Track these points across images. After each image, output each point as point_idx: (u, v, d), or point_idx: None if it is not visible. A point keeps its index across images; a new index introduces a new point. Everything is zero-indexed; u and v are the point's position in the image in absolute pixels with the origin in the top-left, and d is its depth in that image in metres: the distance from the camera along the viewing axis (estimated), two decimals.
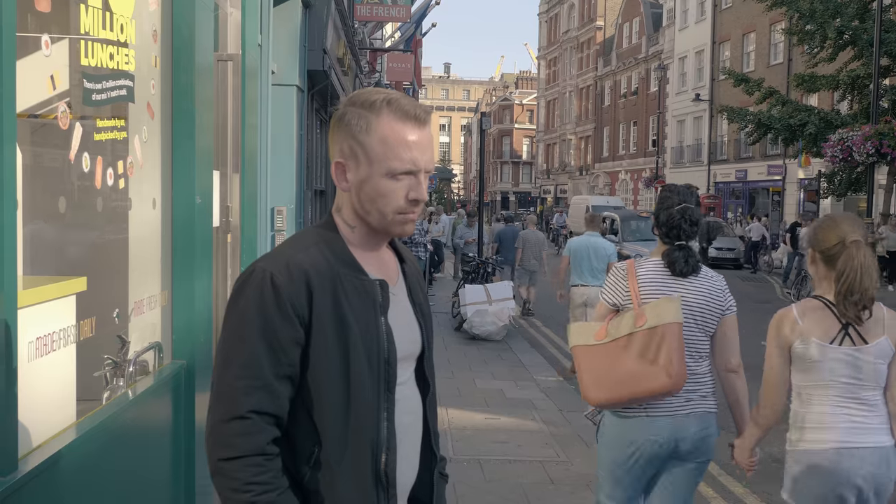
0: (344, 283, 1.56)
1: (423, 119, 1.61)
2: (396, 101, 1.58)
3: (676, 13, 43.90)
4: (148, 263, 3.28)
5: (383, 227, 1.62)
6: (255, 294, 1.51)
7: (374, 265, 1.64)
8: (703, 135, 40.79)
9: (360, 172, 1.59)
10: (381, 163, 1.57)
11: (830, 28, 20.77)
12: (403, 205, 1.60)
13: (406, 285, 1.73)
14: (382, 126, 1.57)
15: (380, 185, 1.58)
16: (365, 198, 1.60)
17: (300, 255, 1.55)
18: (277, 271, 1.52)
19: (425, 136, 1.61)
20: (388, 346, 1.58)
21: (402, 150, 1.57)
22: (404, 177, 1.58)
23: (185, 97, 3.46)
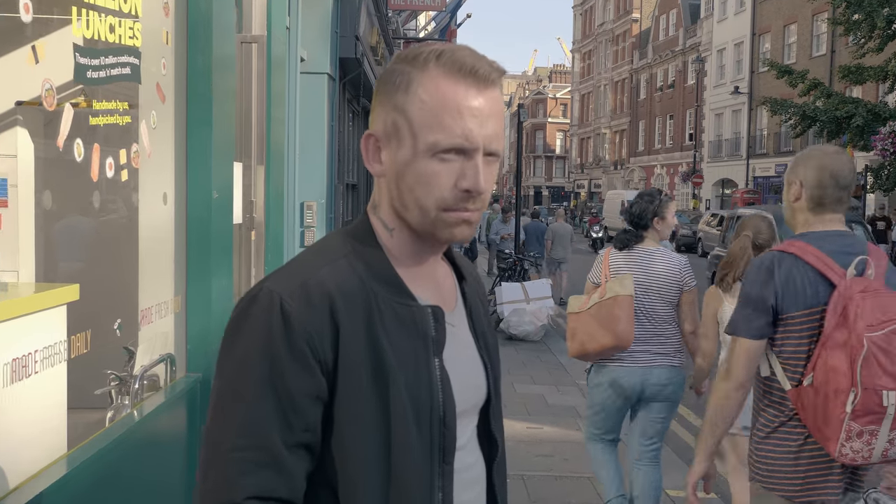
0: (383, 312, 1.14)
1: (487, 77, 1.15)
2: (450, 53, 1.15)
3: (715, 4, 42.98)
4: (158, 266, 2.91)
5: (426, 228, 1.18)
6: (259, 328, 1.09)
7: (424, 285, 1.22)
8: (742, 128, 39.90)
9: (397, 150, 1.17)
10: (421, 135, 1.14)
11: (879, 17, 19.99)
12: (449, 196, 1.15)
13: (467, 311, 1.30)
14: (426, 84, 1.14)
15: (419, 166, 1.14)
16: (404, 186, 1.17)
17: (323, 270, 1.13)
18: (290, 295, 1.10)
19: (490, 102, 1.16)
20: (443, 397, 1.15)
21: (449, 118, 1.13)
22: (453, 156, 1.14)
23: (201, 79, 3.09)
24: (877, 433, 2.38)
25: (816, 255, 2.52)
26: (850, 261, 2.48)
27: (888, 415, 2.37)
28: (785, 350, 2.54)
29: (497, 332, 10.67)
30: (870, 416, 2.37)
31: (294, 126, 5.40)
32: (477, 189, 1.15)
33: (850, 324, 2.40)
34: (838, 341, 2.41)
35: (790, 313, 2.52)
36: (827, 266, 2.49)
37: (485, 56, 1.17)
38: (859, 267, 2.49)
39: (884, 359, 2.35)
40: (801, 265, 2.53)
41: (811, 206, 2.62)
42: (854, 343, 2.38)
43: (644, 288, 4.04)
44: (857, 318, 2.40)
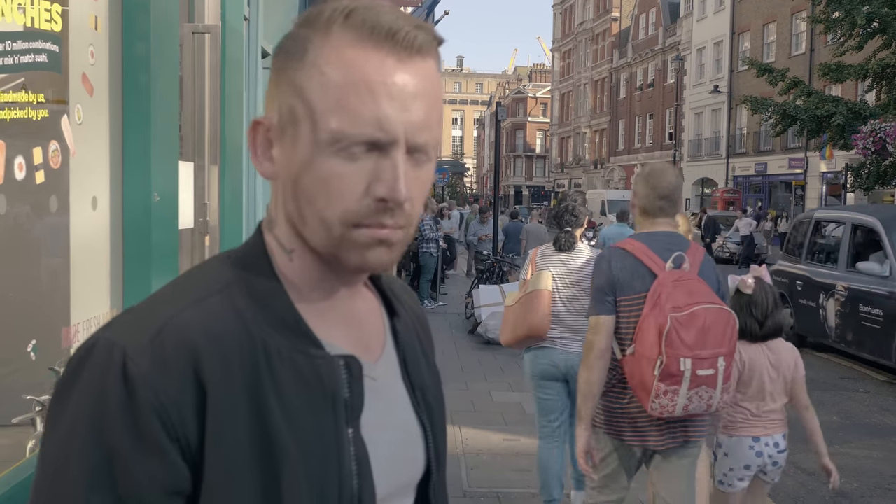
0: (276, 366, 0.83)
1: (412, 43, 0.84)
2: (363, 11, 0.84)
3: (694, 3, 42.96)
4: (88, 277, 2.61)
5: (330, 251, 0.87)
6: (90, 398, 0.78)
7: (337, 326, 0.92)
8: (722, 127, 39.90)
9: (293, 144, 0.86)
10: (321, 122, 0.83)
11: (860, 15, 19.91)
12: (357, 208, 0.84)
13: (399, 358, 0.98)
14: (329, 52, 0.83)
15: (319, 165, 0.84)
16: (301, 193, 0.86)
17: (187, 313, 0.82)
18: (137, 349, 0.79)
19: (416, 78, 0.85)
20: (359, 482, 0.85)
21: (357, 99, 0.82)
22: (363, 152, 0.83)
23: (140, 70, 2.80)
24: (678, 392, 2.95)
25: (644, 251, 3.13)
26: (671, 256, 3.10)
27: (685, 378, 2.94)
28: (618, 327, 3.15)
29: (475, 335, 10.41)
30: (671, 378, 2.94)
31: None
32: (395, 197, 0.83)
33: (661, 306, 2.98)
34: (651, 320, 2.98)
35: (621, 297, 3.13)
36: (651, 260, 3.11)
37: (412, 17, 0.87)
38: (676, 261, 3.10)
39: (683, 333, 2.94)
40: (632, 259, 3.14)
41: (644, 213, 3.26)
42: (661, 321, 2.95)
43: (566, 282, 4.45)
44: (666, 301, 2.98)
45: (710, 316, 2.98)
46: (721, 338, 2.99)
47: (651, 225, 3.23)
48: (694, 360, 2.94)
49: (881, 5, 19.87)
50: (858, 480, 5.76)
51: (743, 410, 3.49)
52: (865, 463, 6.17)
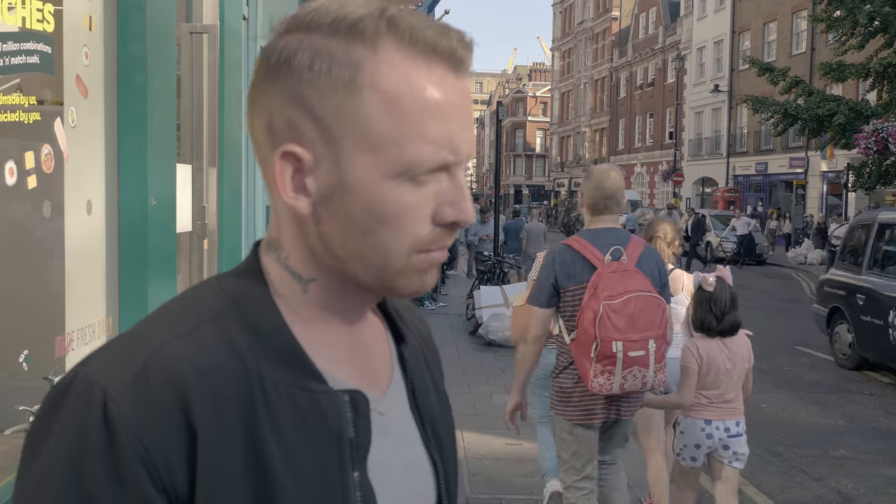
0: (273, 403, 0.75)
1: (462, 58, 0.78)
2: (405, 20, 0.76)
3: (694, 2, 42.87)
4: (83, 284, 2.55)
5: (383, 281, 0.81)
6: (68, 441, 0.70)
7: (342, 355, 0.83)
8: (722, 126, 39.81)
9: (338, 174, 0.77)
10: (388, 150, 0.76)
11: (861, 14, 19.83)
12: (428, 234, 0.79)
13: (408, 388, 0.90)
14: (386, 72, 0.75)
15: (384, 195, 0.76)
16: (354, 227, 0.78)
17: (174, 345, 0.74)
18: (118, 388, 0.71)
19: (466, 93, 0.80)
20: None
21: (428, 122, 0.76)
22: (432, 176, 0.78)
23: (136, 71, 2.73)
24: (613, 371, 3.32)
25: (587, 246, 3.51)
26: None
27: (618, 359, 3.29)
28: (565, 314, 3.55)
29: (476, 337, 10.34)
30: (607, 359, 3.30)
31: None
32: (467, 220, 0.79)
33: (598, 294, 3.34)
34: (588, 307, 3.34)
35: (566, 288, 3.51)
36: (592, 254, 3.47)
37: (441, 22, 0.79)
38: (615, 254, 3.47)
39: (615, 319, 3.28)
40: (575, 254, 3.50)
41: (591, 211, 3.65)
42: (596, 308, 3.31)
43: None
44: (602, 290, 3.34)
45: (641, 303, 3.34)
46: (651, 322, 3.35)
47: (598, 222, 3.61)
48: (625, 342, 3.30)
49: (883, 4, 19.80)
50: (865, 485, 5.69)
51: (699, 396, 3.87)
52: (871, 467, 6.10)
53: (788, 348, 10.75)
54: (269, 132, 0.79)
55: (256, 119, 0.81)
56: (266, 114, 0.79)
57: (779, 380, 8.98)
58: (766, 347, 10.57)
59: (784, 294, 17.47)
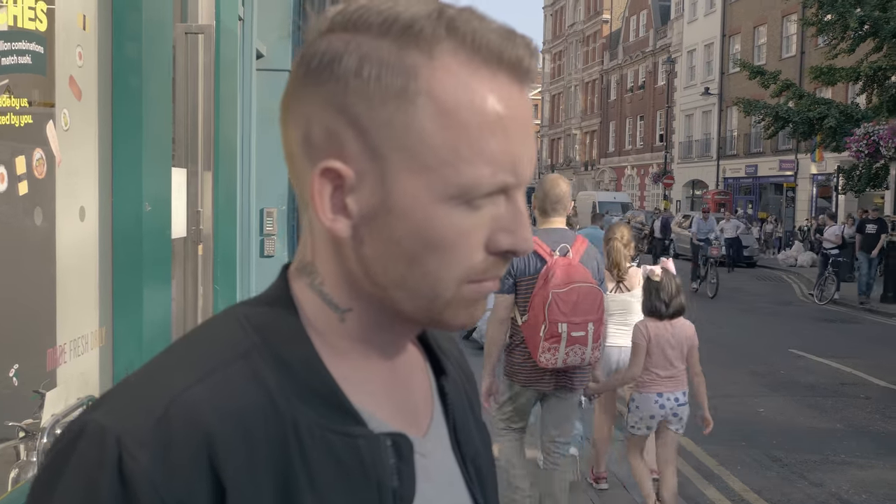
0: (309, 450, 0.67)
1: (528, 67, 0.70)
2: (467, 23, 0.67)
3: (685, 6, 42.98)
4: (75, 294, 2.45)
5: (429, 313, 0.72)
6: (76, 499, 0.62)
7: (380, 392, 0.75)
8: (713, 129, 39.91)
9: (381, 192, 0.68)
10: (443, 170, 0.67)
11: (852, 17, 19.90)
12: (481, 263, 0.70)
13: (449, 426, 0.82)
14: (445, 81, 0.66)
15: (436, 219, 0.68)
16: (392, 251, 0.69)
17: (199, 387, 0.66)
18: (136, 438, 0.62)
19: (527, 105, 0.71)
20: None
21: (489, 139, 0.67)
22: (488, 200, 0.69)
23: (131, 72, 2.64)
24: (558, 348, 3.95)
25: (538, 243, 4.07)
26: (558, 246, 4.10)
27: (563, 338, 3.94)
28: (519, 300, 4.10)
29: (470, 341, 10.25)
30: (553, 338, 3.93)
31: (250, 127, 4.94)
32: (525, 249, 0.71)
33: (547, 284, 3.94)
34: (539, 295, 3.96)
35: (521, 278, 4.08)
36: (543, 250, 4.07)
37: (505, 25, 0.70)
38: (562, 251, 4.08)
39: (561, 305, 3.93)
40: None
41: (540, 213, 4.28)
42: (546, 295, 3.93)
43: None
44: (551, 280, 3.94)
45: (583, 292, 4.01)
46: (590, 308, 4.03)
47: (547, 222, 4.25)
48: (569, 324, 3.95)
49: (873, 8, 19.88)
50: (867, 492, 5.65)
51: (650, 373, 4.45)
52: (871, 472, 6.07)
53: (783, 352, 10.73)
54: (306, 144, 0.70)
55: (291, 130, 0.71)
56: (303, 124, 0.70)
57: (775, 384, 8.94)
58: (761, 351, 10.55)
59: (776, 296, 17.48)
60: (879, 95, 20.95)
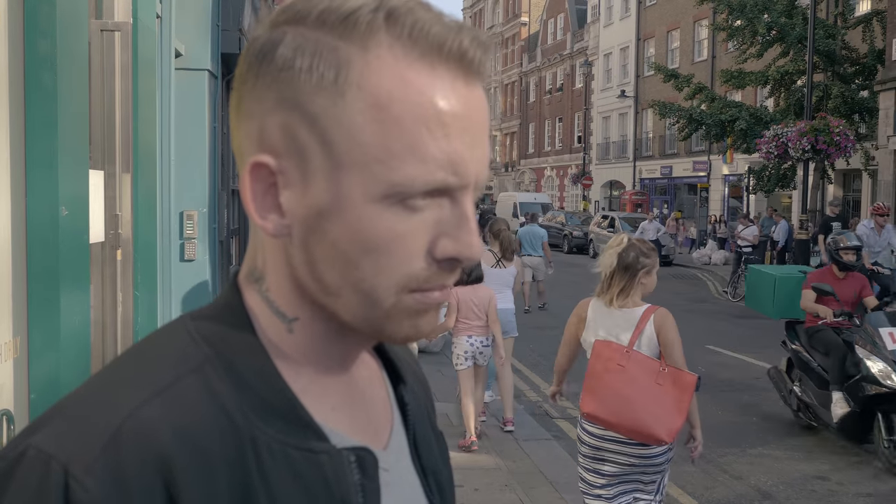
0: (268, 469, 0.63)
1: (474, 60, 0.65)
2: (409, 13, 0.63)
3: (601, 10, 43.82)
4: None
5: (370, 322, 0.67)
6: None
7: (340, 405, 0.71)
8: (629, 131, 40.79)
9: (317, 191, 0.64)
10: (374, 168, 0.63)
11: (760, 23, 20.65)
12: (422, 271, 0.66)
13: (409, 438, 0.79)
14: (378, 72, 0.63)
15: (369, 221, 0.64)
16: (333, 254, 0.65)
17: (151, 406, 0.61)
18: (84, 465, 0.57)
19: (479, 103, 0.67)
20: None
21: (425, 135, 0.63)
22: (430, 201, 0.65)
23: (44, 71, 2.53)
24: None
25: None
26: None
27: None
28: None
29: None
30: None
31: (169, 127, 4.80)
32: (471, 256, 0.66)
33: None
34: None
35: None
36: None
37: (454, 19, 0.66)
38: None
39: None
40: None
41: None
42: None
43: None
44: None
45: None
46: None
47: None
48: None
49: (779, 15, 20.65)
50: (783, 481, 5.83)
51: (463, 323, 6.01)
52: (788, 463, 6.26)
53: (700, 347, 11.01)
54: (248, 138, 0.67)
55: (236, 125, 0.68)
56: (246, 117, 0.66)
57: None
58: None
59: (691, 294, 17.94)
60: (786, 99, 21.77)
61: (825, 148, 16.43)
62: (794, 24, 20.38)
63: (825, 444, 6.75)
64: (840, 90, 19.97)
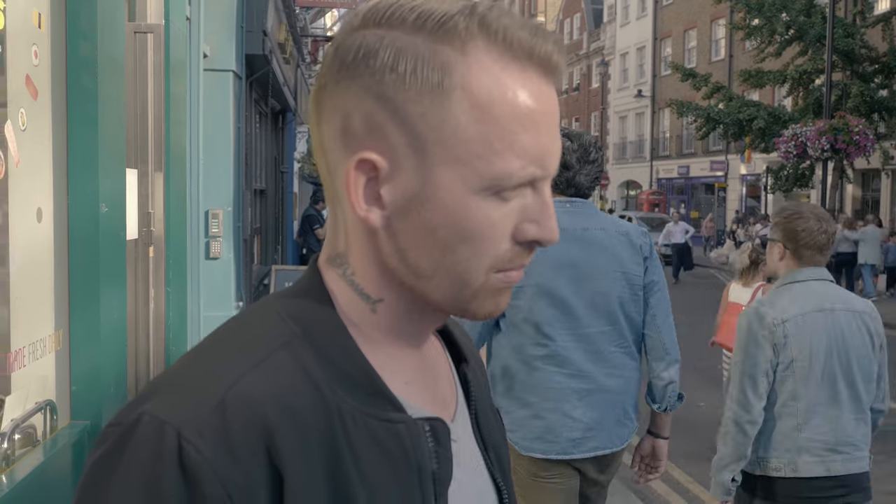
0: (353, 436, 0.69)
1: (557, 63, 0.72)
2: (498, 20, 0.69)
3: (617, 9, 43.73)
4: (32, 297, 2.40)
5: (458, 301, 0.74)
6: (138, 492, 0.62)
7: (414, 379, 0.78)
8: (646, 131, 40.71)
9: (414, 184, 0.70)
10: (476, 163, 0.69)
11: (778, 22, 20.57)
12: (503, 252, 0.72)
13: (471, 413, 0.85)
14: (479, 76, 0.68)
15: (468, 210, 0.69)
16: (425, 241, 0.71)
17: (249, 377, 0.67)
18: (195, 428, 0.63)
19: (555, 100, 0.73)
20: None
21: (520, 132, 0.69)
22: (518, 191, 0.71)
23: (85, 71, 2.60)
24: None
25: None
26: None
27: None
28: None
29: None
30: None
31: (197, 127, 4.89)
32: (552, 239, 0.72)
33: None
34: None
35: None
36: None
37: (534, 22, 0.73)
38: None
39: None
40: None
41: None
42: None
43: None
44: None
45: None
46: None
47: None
48: None
49: (798, 13, 20.56)
50: None
51: None
52: None
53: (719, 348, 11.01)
54: (343, 135, 0.71)
55: (325, 124, 0.73)
56: (340, 116, 0.71)
57: (715, 379, 9.16)
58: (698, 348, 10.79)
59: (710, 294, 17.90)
60: (805, 98, 21.68)
61: (844, 147, 16.37)
62: (813, 23, 20.28)
63: None
64: (859, 89, 19.87)
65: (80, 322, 2.61)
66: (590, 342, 2.68)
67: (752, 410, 2.68)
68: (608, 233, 2.75)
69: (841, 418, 2.70)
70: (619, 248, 2.73)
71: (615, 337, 2.72)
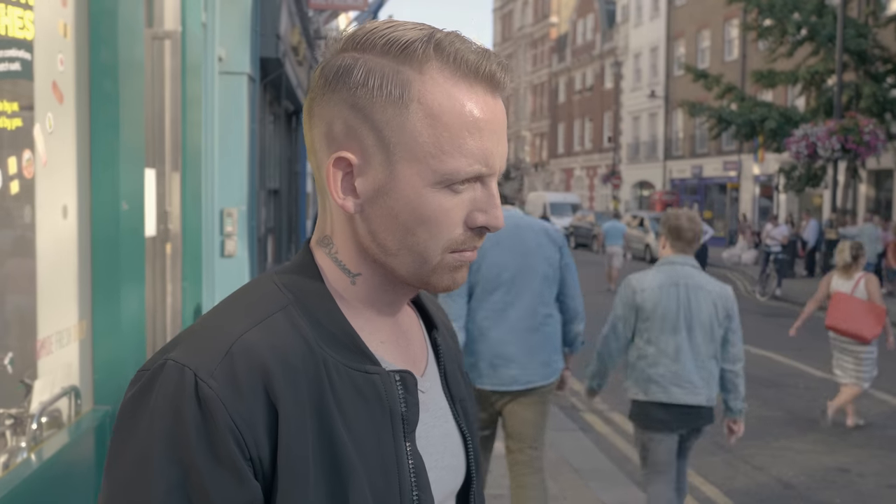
0: (337, 384, 0.85)
1: (500, 80, 0.89)
2: (451, 45, 0.86)
3: (631, 10, 43.73)
4: (58, 289, 2.57)
5: (420, 276, 0.91)
6: (165, 422, 0.78)
7: (388, 341, 0.95)
8: (659, 131, 40.68)
9: (385, 179, 0.87)
10: (430, 162, 0.85)
11: (790, 22, 20.58)
12: (461, 236, 0.89)
13: (440, 371, 1.02)
14: (433, 92, 0.85)
15: (426, 201, 0.86)
16: (395, 225, 0.88)
17: (253, 332, 0.84)
18: (209, 371, 0.80)
19: (500, 111, 0.89)
20: (418, 493, 0.89)
21: (470, 138, 0.86)
22: (467, 185, 0.88)
23: (106, 77, 2.77)
24: None
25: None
26: None
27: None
28: None
29: None
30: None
31: (212, 129, 5.06)
32: (496, 225, 0.89)
33: None
34: None
35: None
36: None
37: (483, 46, 0.89)
38: None
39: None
40: None
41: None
42: None
43: None
44: None
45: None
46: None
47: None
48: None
49: (810, 14, 20.57)
50: (804, 473, 5.96)
51: None
52: (810, 456, 6.38)
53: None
54: (327, 138, 0.88)
55: (314, 129, 0.90)
56: (325, 122, 0.88)
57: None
58: None
59: None
60: (817, 98, 21.69)
61: (854, 147, 16.39)
62: (825, 24, 20.30)
63: (848, 438, 6.85)
64: (871, 89, 19.87)
65: (102, 313, 2.77)
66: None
67: (610, 345, 3.86)
68: (533, 230, 3.76)
69: (681, 361, 3.70)
70: (541, 239, 3.76)
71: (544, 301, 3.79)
